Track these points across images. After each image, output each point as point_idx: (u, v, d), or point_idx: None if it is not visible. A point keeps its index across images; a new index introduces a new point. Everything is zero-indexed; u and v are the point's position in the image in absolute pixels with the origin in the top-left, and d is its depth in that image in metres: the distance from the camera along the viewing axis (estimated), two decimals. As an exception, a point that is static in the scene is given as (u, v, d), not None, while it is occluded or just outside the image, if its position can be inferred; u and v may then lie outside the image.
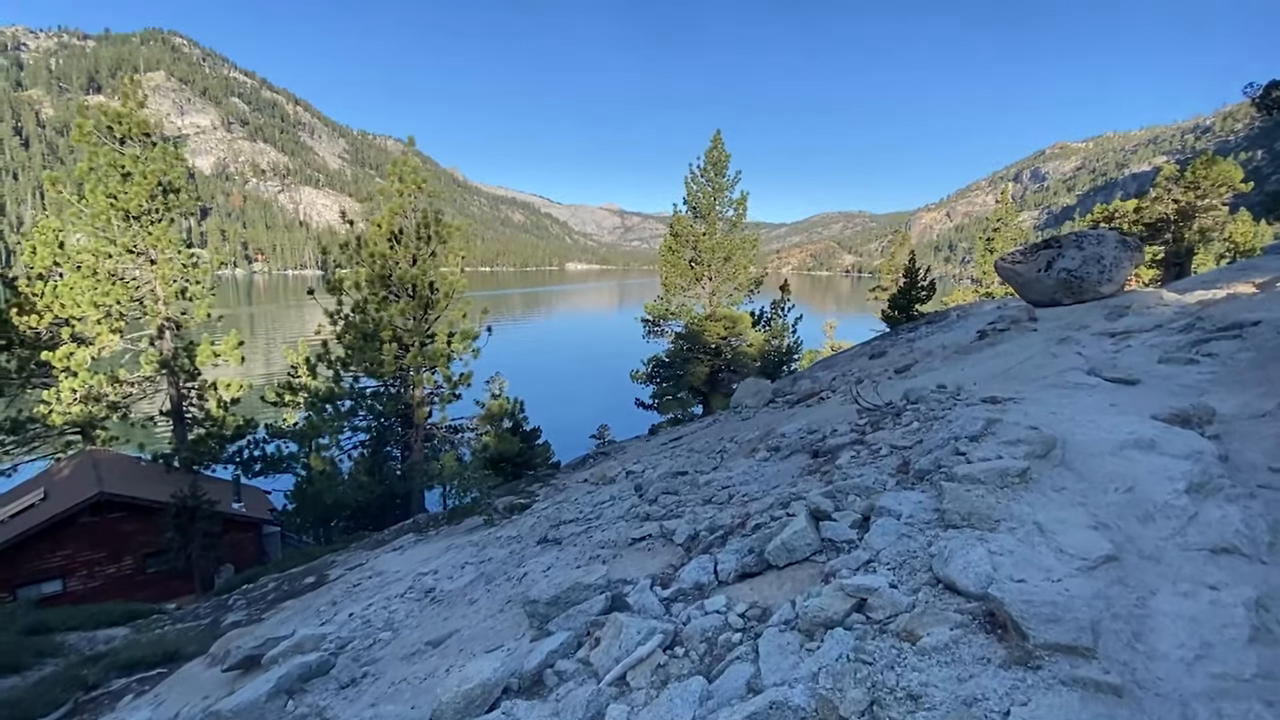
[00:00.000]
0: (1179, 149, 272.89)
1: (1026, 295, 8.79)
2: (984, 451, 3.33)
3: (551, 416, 46.26)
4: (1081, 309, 7.60)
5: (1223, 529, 2.38)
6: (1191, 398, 3.99)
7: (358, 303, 17.01)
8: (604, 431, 35.41)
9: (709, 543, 4.01)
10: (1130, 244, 8.30)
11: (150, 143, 20.62)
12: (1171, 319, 6.17)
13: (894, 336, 11.18)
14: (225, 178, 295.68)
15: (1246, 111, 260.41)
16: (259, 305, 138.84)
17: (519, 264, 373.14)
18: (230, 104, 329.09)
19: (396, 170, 17.34)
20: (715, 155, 30.12)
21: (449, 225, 17.65)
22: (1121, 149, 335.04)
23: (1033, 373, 4.95)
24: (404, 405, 18.55)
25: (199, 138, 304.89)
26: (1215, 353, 4.76)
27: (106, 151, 19.16)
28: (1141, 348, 5.36)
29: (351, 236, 17.28)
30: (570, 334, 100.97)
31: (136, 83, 20.65)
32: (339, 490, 16.72)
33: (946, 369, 6.18)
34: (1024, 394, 4.35)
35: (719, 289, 30.93)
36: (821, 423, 5.81)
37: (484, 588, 5.45)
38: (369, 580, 8.71)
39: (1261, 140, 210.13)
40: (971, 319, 9.74)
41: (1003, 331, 7.10)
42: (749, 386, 8.49)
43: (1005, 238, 33.48)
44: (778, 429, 5.92)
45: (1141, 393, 4.25)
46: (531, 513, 8.14)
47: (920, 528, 2.79)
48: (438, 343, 16.98)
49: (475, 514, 9.52)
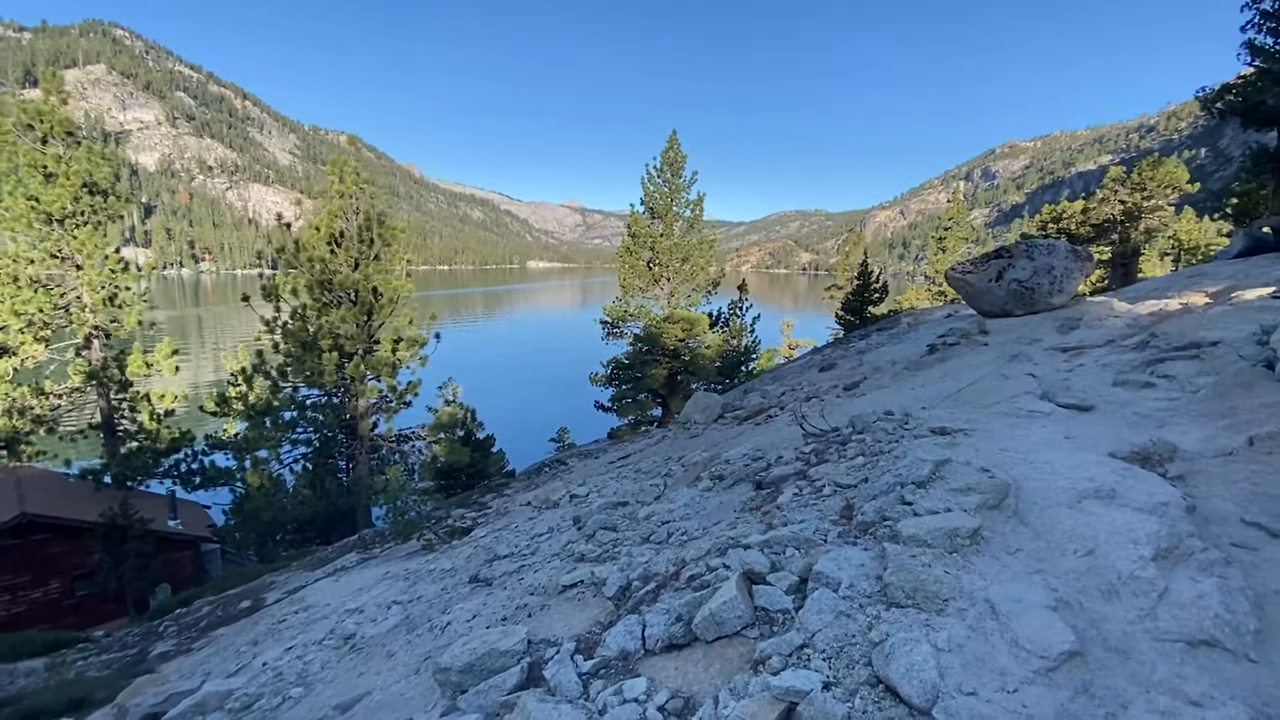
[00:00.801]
0: (1124, 148, 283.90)
1: (978, 306, 8.63)
2: (932, 501, 3.00)
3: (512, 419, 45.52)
4: (1033, 320, 7.44)
5: (1199, 613, 2.08)
6: (1151, 430, 3.75)
7: (296, 309, 16.17)
8: (563, 435, 34.87)
9: (640, 598, 3.63)
10: (1081, 254, 8.19)
11: (75, 141, 19.37)
12: (1124, 333, 6.01)
13: (845, 346, 10.97)
14: (170, 174, 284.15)
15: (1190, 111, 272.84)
16: (206, 307, 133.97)
17: (478, 262, 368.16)
18: (175, 98, 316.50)
19: (336, 170, 16.53)
20: (671, 155, 29.81)
21: (393, 227, 16.91)
22: (1069, 148, 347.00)
23: (984, 397, 4.70)
24: (348, 416, 17.76)
25: (142, 133, 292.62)
26: (1172, 375, 4.56)
27: (27, 151, 17.90)
28: (1094, 366, 5.16)
29: (289, 240, 16.41)
30: (531, 334, 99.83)
31: (59, 78, 19.33)
32: (279, 506, 15.88)
33: (896, 388, 5.92)
34: (975, 424, 4.07)
35: (677, 290, 30.65)
36: (768, 447, 5.49)
37: (405, 638, 4.98)
38: (294, 616, 8.11)
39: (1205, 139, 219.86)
40: (923, 328, 9.55)
41: (953, 346, 6.88)
42: (699, 402, 8.14)
43: (956, 236, 34.00)
44: (723, 453, 5.57)
45: (1097, 422, 4.01)
46: (470, 541, 7.65)
47: (861, 604, 2.44)
48: (382, 350, 16.25)
49: (417, 534, 8.97)
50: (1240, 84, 10.66)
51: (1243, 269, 8.78)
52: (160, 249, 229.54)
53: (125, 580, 18.33)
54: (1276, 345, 3.92)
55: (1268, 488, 2.90)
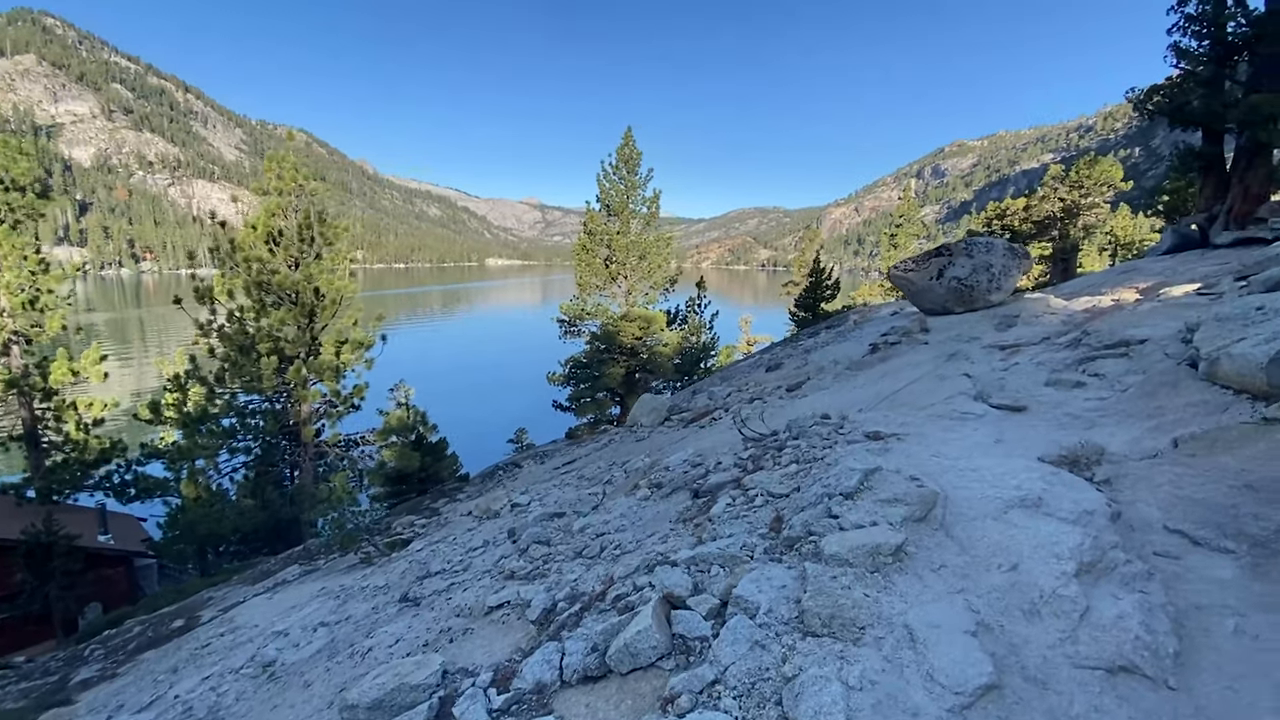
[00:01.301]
0: (1065, 147, 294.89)
1: (919, 303, 8.67)
2: (859, 514, 2.88)
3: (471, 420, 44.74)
4: (973, 318, 7.50)
5: (1119, 635, 1.98)
6: (1080, 431, 3.72)
7: (232, 312, 15.45)
8: (521, 436, 34.35)
9: (563, 621, 3.43)
10: (1018, 252, 8.30)
11: (-10, 136, 18.17)
12: (1059, 330, 6.06)
13: (794, 344, 10.95)
14: (108, 170, 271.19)
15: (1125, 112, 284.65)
16: (148, 308, 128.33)
17: (436, 260, 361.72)
18: (112, 90, 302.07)
19: (274, 167, 15.83)
20: (627, 152, 29.59)
21: (335, 225, 16.30)
22: (1013, 147, 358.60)
23: (920, 398, 4.63)
24: (291, 422, 17.08)
25: (76, 127, 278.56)
26: (1103, 373, 4.57)
27: (-65, 148, 16.73)
28: (1029, 365, 5.16)
29: (224, 239, 15.66)
30: (491, 333, 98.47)
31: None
32: (216, 518, 15.17)
33: (837, 389, 5.85)
34: (909, 427, 3.99)
35: (635, 287, 30.49)
36: (708, 451, 5.35)
37: (325, 665, 4.68)
38: (219, 639, 7.66)
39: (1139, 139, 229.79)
40: (868, 326, 9.58)
41: (894, 345, 6.87)
42: (646, 404, 7.98)
43: (908, 233, 34.67)
44: (664, 459, 5.41)
45: (1029, 424, 3.97)
46: (408, 554, 7.34)
47: (778, 632, 2.28)
48: (325, 353, 15.64)
49: (355, 547, 8.60)
50: (1167, 85, 11.02)
51: (1171, 265, 9.04)
52: (97, 248, 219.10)
53: (52, 600, 17.35)
54: (1200, 344, 3.93)
55: (1190, 491, 2.86)
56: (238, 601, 11.59)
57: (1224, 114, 10.69)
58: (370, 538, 8.70)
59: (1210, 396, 3.61)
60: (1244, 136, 10.79)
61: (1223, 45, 10.85)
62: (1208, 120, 10.94)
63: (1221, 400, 3.54)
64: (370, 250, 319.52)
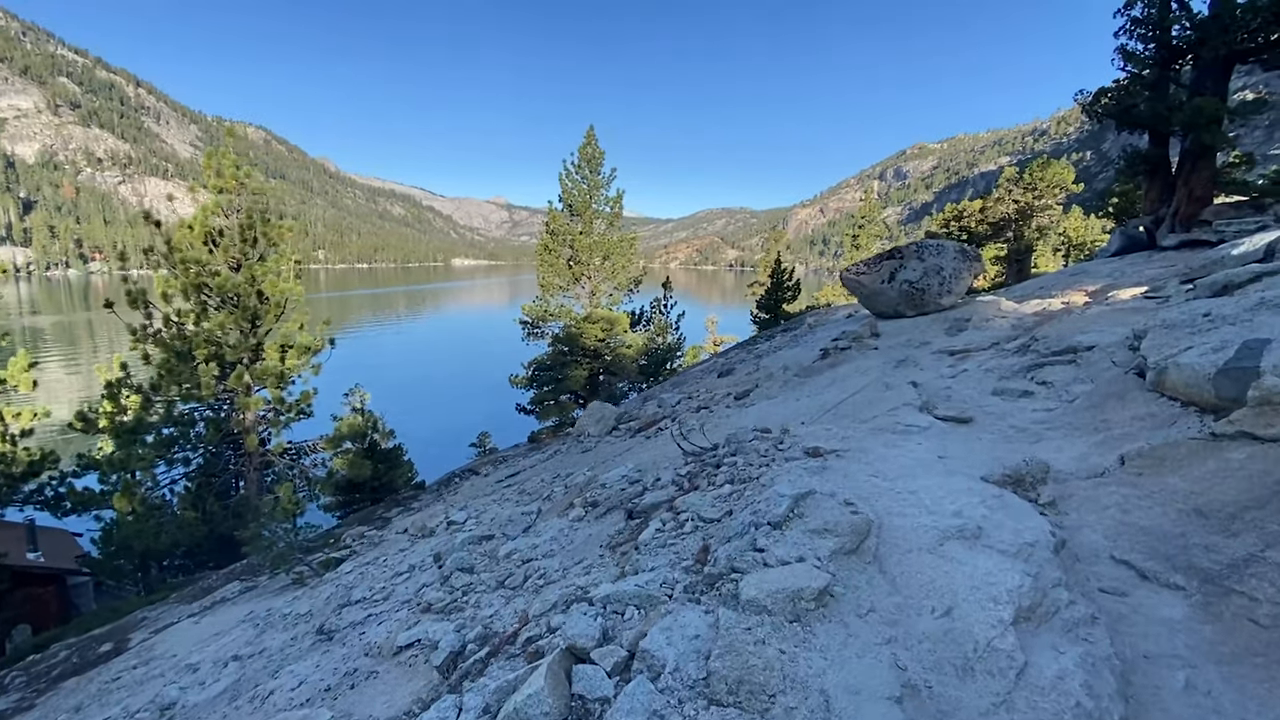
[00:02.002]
0: (1020, 150, 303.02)
1: (872, 307, 8.51)
2: (785, 548, 2.60)
3: (435, 423, 43.83)
4: (924, 321, 7.35)
5: (1059, 700, 1.73)
6: (1026, 445, 3.51)
7: (168, 316, 14.67)
8: (484, 440, 33.70)
9: (467, 669, 3.10)
10: (969, 254, 8.20)
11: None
12: (1009, 335, 5.92)
13: (749, 348, 10.74)
14: (54, 167, 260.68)
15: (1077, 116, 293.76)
16: (96, 310, 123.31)
17: (400, 260, 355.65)
18: (58, 84, 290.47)
19: (213, 163, 15.08)
20: (589, 151, 29.21)
21: (280, 225, 15.60)
22: (972, 149, 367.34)
23: (865, 409, 4.41)
24: (235, 431, 16.30)
25: (19, 121, 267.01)
26: (1050, 381, 4.39)
27: None
28: (977, 372, 4.98)
29: (158, 238, 14.86)
30: (456, 333, 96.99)
31: None
32: (152, 533, 14.39)
33: (783, 398, 5.62)
34: (850, 442, 3.74)
35: (599, 288, 30.12)
36: (649, 466, 5.06)
37: (223, 710, 4.26)
38: (131, 672, 7.12)
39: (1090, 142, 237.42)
40: (821, 330, 9.40)
41: (844, 350, 6.67)
42: (593, 413, 7.65)
43: (870, 234, 34.95)
44: (603, 474, 5.11)
45: (974, 437, 3.76)
46: (338, 575, 6.90)
47: (680, 699, 1.99)
48: (268, 359, 14.95)
49: (286, 567, 8.09)
50: (1115, 88, 11.11)
51: (1119, 267, 9.05)
52: (43, 248, 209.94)
53: (-27, 623, 16.39)
54: (1147, 352, 3.77)
55: (1137, 517, 2.65)
56: (170, 623, 10.98)
57: (1169, 117, 10.80)
58: (303, 556, 8.21)
59: (1158, 409, 3.43)
60: (1188, 139, 10.92)
61: (1167, 49, 10.96)
62: (1153, 123, 11.05)
63: (1169, 413, 3.37)
64: (332, 250, 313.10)
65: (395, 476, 19.47)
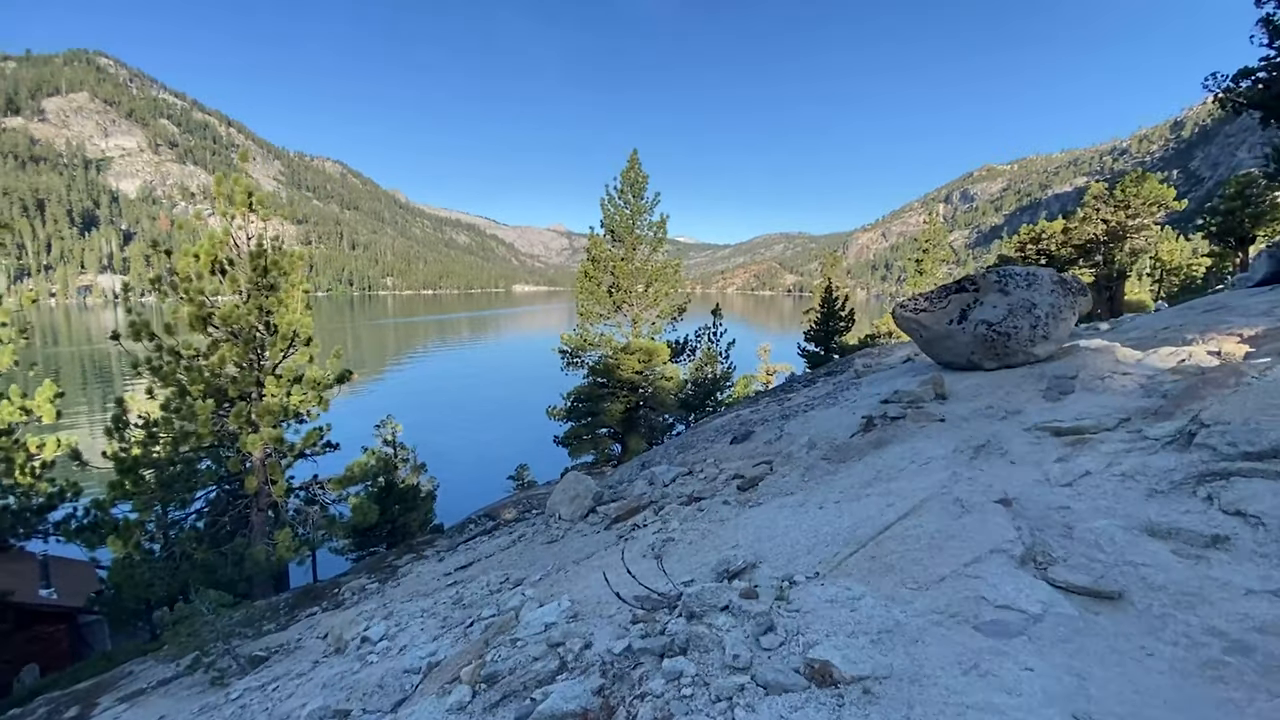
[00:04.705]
0: (1098, 170, 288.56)
1: (935, 354, 6.43)
2: None
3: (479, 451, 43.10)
4: (1010, 378, 5.31)
5: None
6: (1243, 689, 1.65)
7: (170, 348, 13.93)
8: (522, 473, 32.53)
9: None
10: (1071, 286, 6.01)
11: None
12: (1143, 405, 3.99)
13: (779, 399, 8.84)
14: (152, 201, 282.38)
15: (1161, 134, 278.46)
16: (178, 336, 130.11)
17: (464, 286, 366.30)
18: (159, 125, 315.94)
19: (224, 190, 14.42)
20: (632, 176, 28.00)
21: (291, 254, 14.78)
22: (1044, 170, 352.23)
23: (923, 554, 2.61)
24: (247, 466, 15.40)
25: (124, 160, 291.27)
26: (1252, 512, 2.49)
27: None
28: (1107, 476, 3.10)
29: (164, 267, 14.23)
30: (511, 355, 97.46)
31: None
32: (145, 581, 13.47)
33: (801, 498, 3.82)
34: (891, 647, 1.98)
35: (640, 317, 28.67)
36: (589, 609, 3.39)
37: None
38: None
39: (1176, 160, 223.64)
40: (870, 381, 7.38)
41: (896, 420, 4.75)
42: (568, 489, 6.00)
43: (934, 258, 32.26)
44: (523, 617, 3.45)
45: (1137, 649, 1.93)
46: (241, 689, 5.43)
47: None
48: (268, 395, 13.98)
49: (205, 665, 6.71)
50: (1265, 66, 8.69)
51: (1276, 300, 6.81)
52: (139, 275, 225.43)
53: (-18, 661, 15.91)
54: None
55: None
56: (140, 690, 9.88)
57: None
58: (229, 646, 6.80)
59: None
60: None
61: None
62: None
63: None
64: (400, 277, 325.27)
65: (410, 520, 18.28)
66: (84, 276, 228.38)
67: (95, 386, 63.50)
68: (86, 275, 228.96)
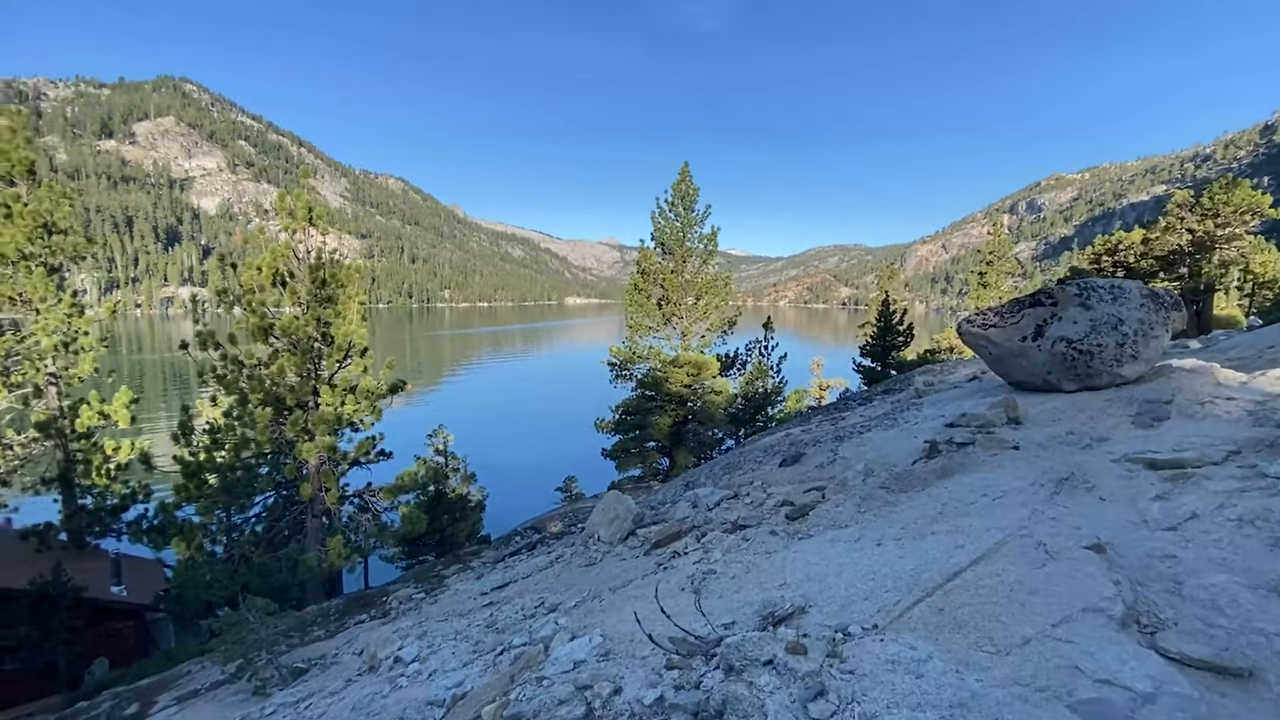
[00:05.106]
0: (1179, 178, 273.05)
1: (1006, 373, 5.86)
2: None
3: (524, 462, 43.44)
4: (1094, 402, 4.78)
5: None
6: None
7: (233, 358, 14.44)
8: (570, 485, 32.50)
9: None
10: (1164, 300, 5.36)
11: (36, 181, 18.45)
12: (1257, 437, 3.49)
13: (832, 418, 8.37)
14: (229, 218, 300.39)
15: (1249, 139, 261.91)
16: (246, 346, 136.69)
17: (517, 299, 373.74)
18: (237, 146, 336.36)
19: (285, 205, 14.93)
20: (683, 188, 27.85)
21: (348, 267, 15.16)
22: (1119, 179, 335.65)
23: (1001, 609, 2.25)
24: (304, 473, 15.82)
25: (205, 179, 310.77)
26: None
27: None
28: (1218, 520, 2.67)
29: (233, 280, 14.80)
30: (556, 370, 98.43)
31: (18, 113, 18.43)
32: (205, 583, 13.90)
33: (856, 531, 3.45)
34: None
35: (690, 329, 28.38)
36: (621, 648, 3.15)
37: None
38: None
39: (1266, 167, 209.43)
40: (933, 401, 6.87)
41: (964, 447, 4.29)
42: (608, 509, 5.76)
43: (999, 270, 30.82)
44: (552, 653, 3.23)
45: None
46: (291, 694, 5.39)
47: None
48: (323, 404, 14.31)
49: (250, 673, 6.75)
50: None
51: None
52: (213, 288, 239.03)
53: (57, 654, 16.69)
54: None
55: None
56: (194, 691, 10.13)
57: None
58: (272, 655, 6.83)
59: None
60: None
61: None
62: None
63: None
64: (457, 290, 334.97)
65: (458, 530, 18.39)
66: (167, 288, 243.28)
67: (174, 393, 67.06)
68: (169, 287, 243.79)
